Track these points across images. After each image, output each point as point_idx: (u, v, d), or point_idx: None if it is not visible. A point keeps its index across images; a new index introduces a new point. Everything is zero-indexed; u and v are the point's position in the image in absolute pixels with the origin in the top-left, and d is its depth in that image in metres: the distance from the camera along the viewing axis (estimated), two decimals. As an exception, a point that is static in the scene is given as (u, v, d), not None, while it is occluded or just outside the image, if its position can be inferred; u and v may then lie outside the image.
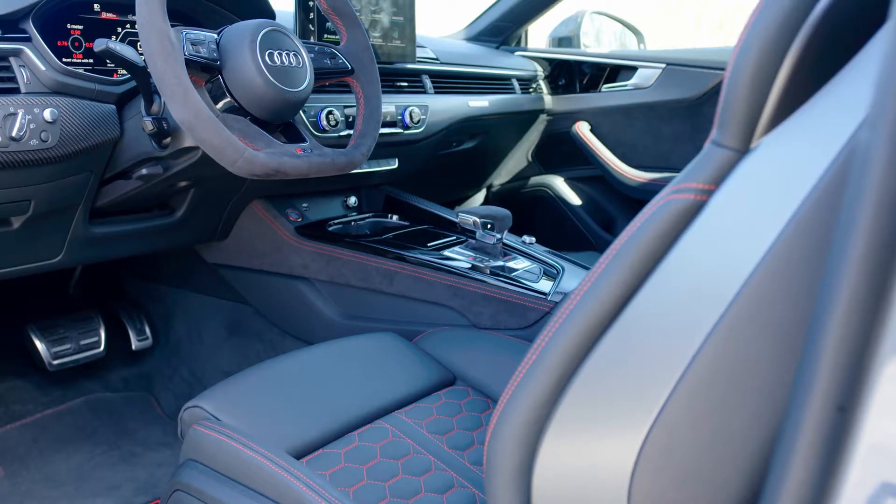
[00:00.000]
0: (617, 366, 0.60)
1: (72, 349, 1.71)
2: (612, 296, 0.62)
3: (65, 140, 1.17)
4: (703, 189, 0.59)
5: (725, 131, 0.60)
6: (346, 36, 1.36)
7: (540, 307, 1.40)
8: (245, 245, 1.69)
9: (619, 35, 2.66)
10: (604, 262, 0.65)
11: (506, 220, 1.52)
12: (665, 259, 0.60)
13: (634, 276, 0.61)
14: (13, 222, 1.24)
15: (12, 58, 1.15)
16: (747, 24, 0.59)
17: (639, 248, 0.61)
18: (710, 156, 0.61)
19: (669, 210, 0.61)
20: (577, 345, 0.63)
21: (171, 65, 1.03)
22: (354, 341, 1.31)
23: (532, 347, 0.69)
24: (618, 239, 0.65)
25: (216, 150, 1.07)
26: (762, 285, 0.52)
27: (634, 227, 0.63)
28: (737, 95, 0.58)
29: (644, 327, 0.60)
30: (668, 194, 0.62)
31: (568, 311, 0.66)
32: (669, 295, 0.59)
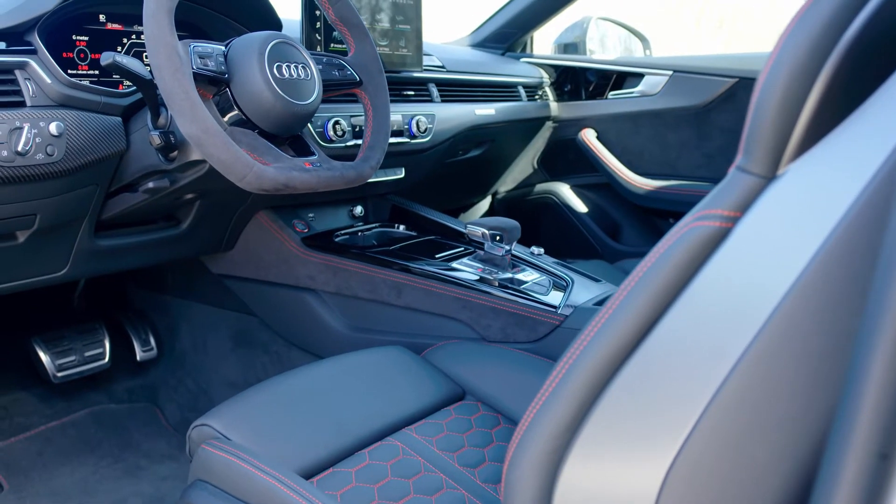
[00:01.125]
0: (641, 393, 0.59)
1: (76, 361, 1.70)
2: (635, 322, 0.61)
3: (71, 154, 1.15)
4: (729, 216, 0.58)
5: (751, 157, 0.59)
6: (354, 47, 1.34)
7: (550, 320, 1.39)
8: (251, 256, 1.67)
9: (624, 40, 2.65)
10: (626, 288, 0.64)
11: (514, 232, 1.51)
12: (689, 286, 0.59)
13: (658, 302, 0.60)
14: (18, 236, 1.23)
15: (18, 71, 1.13)
16: (776, 48, 0.58)
17: (662, 274, 0.60)
18: (736, 182, 0.60)
19: (694, 237, 0.59)
20: (599, 371, 0.62)
21: (178, 79, 1.02)
22: (363, 356, 1.29)
23: (553, 372, 0.68)
24: (640, 265, 0.63)
25: (224, 166, 1.05)
26: (791, 315, 0.51)
27: (657, 253, 0.62)
28: (764, 121, 0.57)
29: (668, 355, 0.58)
30: (691, 221, 0.61)
31: (590, 337, 0.65)
32: (694, 323, 0.58)
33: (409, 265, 1.53)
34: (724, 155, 2.22)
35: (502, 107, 2.11)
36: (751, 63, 2.13)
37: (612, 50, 2.58)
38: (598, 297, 1.44)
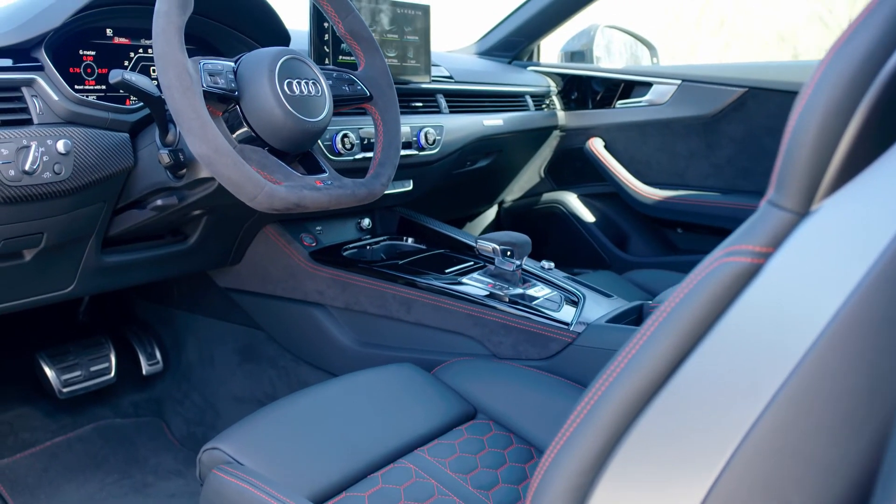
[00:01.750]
0: (670, 429, 0.58)
1: (82, 376, 1.68)
2: (664, 356, 0.60)
3: (78, 172, 1.14)
4: (760, 252, 0.57)
5: (784, 192, 0.57)
6: (364, 61, 1.33)
7: (562, 338, 1.37)
8: (258, 270, 1.66)
9: (630, 47, 2.63)
10: (654, 323, 0.63)
11: (525, 247, 1.50)
12: (720, 322, 0.57)
13: (688, 337, 0.59)
14: (25, 255, 1.22)
15: (25, 88, 1.12)
16: (812, 81, 0.56)
17: (692, 309, 0.59)
18: (767, 217, 0.58)
19: (724, 273, 0.58)
20: (629, 404, 0.61)
21: (189, 98, 1.01)
22: (373, 374, 1.28)
23: (581, 403, 0.67)
24: (668, 300, 0.62)
25: (235, 186, 1.04)
26: (828, 353, 0.49)
27: (686, 288, 0.61)
28: (799, 156, 0.56)
29: (699, 391, 0.57)
30: (721, 256, 0.60)
31: (620, 369, 0.64)
32: (726, 359, 0.56)
33: (419, 280, 1.51)
34: (733, 165, 2.20)
35: (510, 117, 2.09)
36: (761, 73, 2.11)
37: (618, 57, 2.56)
38: (610, 314, 1.42)
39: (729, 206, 2.18)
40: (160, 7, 1.02)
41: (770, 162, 2.12)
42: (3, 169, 1.05)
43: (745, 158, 2.18)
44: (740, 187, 2.21)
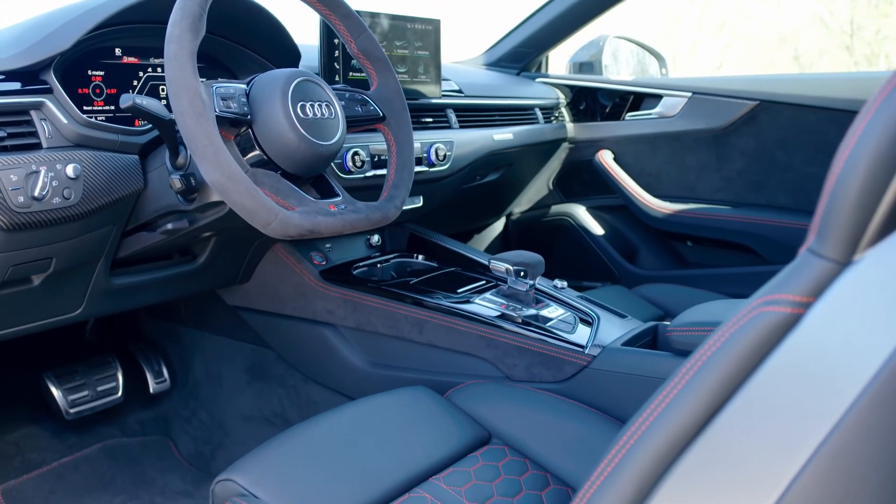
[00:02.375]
0: (703, 483, 0.57)
1: (89, 396, 1.66)
2: (698, 408, 0.59)
3: (88, 196, 1.12)
4: (800, 302, 0.55)
5: (825, 241, 0.56)
6: (376, 81, 1.31)
7: (577, 360, 1.36)
8: (267, 289, 1.64)
9: (637, 55, 2.61)
10: (689, 372, 0.61)
11: (538, 267, 1.48)
12: (757, 373, 0.56)
13: (723, 388, 0.58)
14: (34, 280, 1.20)
15: (33, 111, 1.10)
16: (859, 128, 0.55)
17: (728, 359, 0.58)
18: (807, 266, 0.56)
19: (762, 323, 0.56)
20: (661, 455, 0.60)
21: (202, 124, 0.99)
22: (387, 398, 1.26)
23: (614, 449, 0.66)
24: (703, 348, 0.61)
25: (249, 213, 1.02)
26: (871, 410, 0.48)
27: (723, 337, 0.59)
28: (842, 205, 0.54)
29: (734, 446, 0.56)
30: (759, 305, 0.58)
31: (652, 418, 0.63)
32: (763, 413, 0.55)
33: (431, 301, 1.49)
34: (744, 178, 2.19)
35: (520, 130, 2.08)
36: (772, 86, 2.10)
37: (624, 65, 2.54)
38: (625, 336, 1.40)
39: (740, 219, 2.16)
40: (172, 32, 1.01)
41: (781, 175, 2.10)
42: (11, 196, 1.03)
43: (756, 172, 2.16)
44: (751, 201, 2.19)
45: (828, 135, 2.04)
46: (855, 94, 1.99)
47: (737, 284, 2.15)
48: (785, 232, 2.10)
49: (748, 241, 2.17)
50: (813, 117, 2.04)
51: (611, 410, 1.31)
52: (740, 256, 2.22)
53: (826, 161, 2.05)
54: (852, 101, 1.99)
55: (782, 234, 2.10)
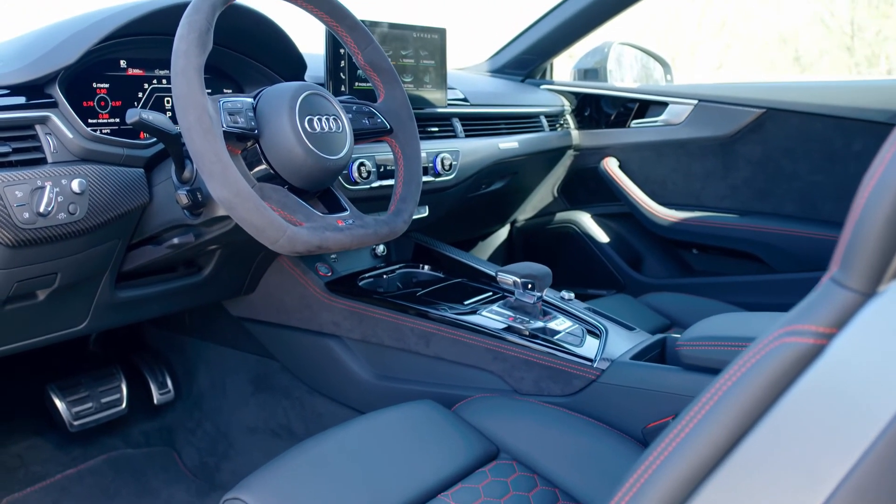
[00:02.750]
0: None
1: (93, 408, 1.65)
2: (719, 437, 0.58)
3: (93, 211, 1.11)
4: (823, 332, 0.54)
5: (850, 272, 0.55)
6: (383, 93, 1.30)
7: (586, 374, 1.34)
8: (273, 300, 1.63)
9: (642, 61, 2.60)
10: (711, 401, 0.60)
11: (546, 279, 1.47)
12: (778, 405, 0.55)
13: (743, 419, 0.56)
14: (39, 295, 1.19)
15: (38, 126, 1.09)
16: (885, 158, 0.54)
17: (750, 390, 0.57)
18: (830, 296, 0.55)
19: (784, 353, 0.55)
20: (680, 485, 0.59)
21: (209, 141, 0.98)
22: (394, 413, 1.25)
23: (631, 478, 0.65)
24: (724, 377, 0.60)
25: (257, 230, 1.01)
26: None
27: (742, 367, 0.58)
28: (868, 235, 0.53)
29: (754, 478, 0.55)
30: (781, 335, 0.57)
31: (672, 447, 0.62)
32: (784, 445, 0.54)
33: (438, 313, 1.48)
34: (750, 186, 2.18)
35: (525, 139, 2.07)
36: (779, 93, 2.08)
37: (628, 70, 2.53)
38: (634, 349, 1.39)
39: (746, 228, 2.15)
40: (179, 47, 1.00)
41: (788, 184, 2.09)
42: (17, 212, 1.02)
43: (763, 180, 2.15)
44: (757, 209, 2.18)
45: (835, 143, 2.03)
46: (862, 103, 1.98)
47: (743, 293, 2.14)
48: (791, 240, 2.09)
49: (754, 249, 2.16)
50: (820, 125, 2.04)
51: (620, 425, 1.30)
52: (746, 265, 2.21)
53: (833, 170, 2.04)
54: (860, 109, 1.98)
55: (788, 242, 2.09)
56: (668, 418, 1.25)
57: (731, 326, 1.30)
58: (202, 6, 1.02)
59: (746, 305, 1.99)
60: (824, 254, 2.04)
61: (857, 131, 2.00)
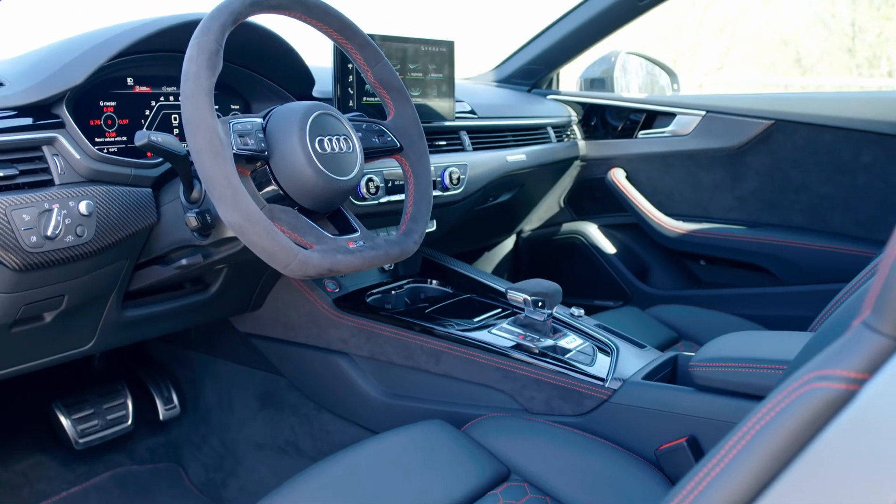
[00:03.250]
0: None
1: (99, 426, 1.64)
2: (745, 482, 0.57)
3: (101, 233, 1.10)
4: (855, 378, 0.53)
5: (883, 317, 0.53)
6: (393, 111, 1.28)
7: (597, 394, 1.33)
8: (280, 316, 1.61)
9: (647, 68, 2.59)
10: (737, 445, 0.59)
11: (556, 297, 1.45)
12: (807, 451, 0.53)
13: (772, 465, 0.55)
14: (45, 317, 1.17)
15: (45, 147, 1.08)
16: None
17: (778, 436, 0.55)
18: (862, 341, 0.54)
19: (814, 399, 0.54)
20: None
21: (220, 164, 0.96)
22: (404, 434, 1.24)
23: None
24: (750, 421, 0.58)
25: (268, 254, 1.00)
26: None
27: (770, 412, 0.57)
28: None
29: None
30: (811, 380, 0.56)
31: (697, 492, 0.60)
32: (814, 493, 0.52)
33: (448, 331, 1.47)
34: (759, 198, 2.16)
35: (532, 151, 2.05)
36: (788, 105, 2.07)
37: (633, 76, 2.51)
38: (646, 368, 1.38)
39: (754, 240, 2.14)
40: (189, 69, 0.98)
41: (796, 195, 2.08)
42: (24, 236, 1.01)
43: (771, 191, 2.14)
44: (766, 220, 2.17)
45: (844, 155, 2.02)
46: (872, 115, 1.97)
47: (751, 305, 2.13)
48: (800, 252, 2.08)
49: (762, 261, 2.14)
50: (829, 137, 2.02)
51: (632, 446, 1.29)
52: (754, 276, 2.19)
53: (841, 181, 2.03)
54: (869, 121, 1.97)
55: (797, 254, 2.08)
56: (681, 440, 1.24)
57: (744, 346, 1.28)
58: (212, 27, 1.01)
59: (754, 318, 1.98)
60: (833, 266, 2.03)
61: (867, 143, 1.99)
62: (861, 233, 2.05)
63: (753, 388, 1.20)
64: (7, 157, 1.03)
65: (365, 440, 1.21)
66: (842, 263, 2.01)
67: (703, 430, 1.24)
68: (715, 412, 1.23)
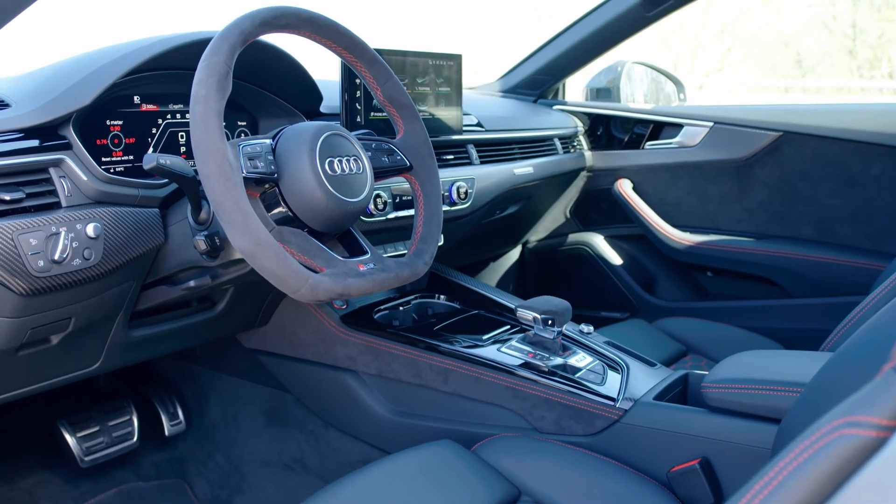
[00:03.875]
0: None
1: (104, 443, 1.62)
2: None
3: (108, 255, 1.09)
4: (885, 425, 0.52)
5: None
6: (403, 129, 1.27)
7: (608, 414, 1.32)
8: (286, 333, 1.60)
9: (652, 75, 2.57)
10: (763, 491, 0.58)
11: (566, 315, 1.44)
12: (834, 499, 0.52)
13: None
14: (52, 339, 1.16)
15: (52, 168, 1.06)
16: None
17: (805, 483, 0.54)
18: (893, 388, 0.53)
19: (843, 447, 0.53)
20: None
21: (230, 189, 0.95)
22: (413, 456, 1.22)
23: None
24: (776, 467, 0.57)
25: (278, 280, 0.98)
26: None
27: (800, 458, 0.56)
28: None
29: None
30: (840, 427, 0.55)
31: None
32: None
33: (456, 349, 1.46)
34: (767, 210, 2.15)
35: (540, 163, 2.04)
36: (796, 116, 2.06)
37: (639, 84, 2.50)
38: (657, 388, 1.37)
39: (762, 252, 2.12)
40: (198, 92, 0.97)
41: (804, 207, 2.07)
42: (31, 260, 0.99)
43: (780, 203, 2.12)
44: (774, 233, 2.15)
45: (853, 167, 2.01)
46: (881, 127, 1.95)
47: (759, 317, 2.11)
48: (808, 265, 2.06)
49: (770, 273, 2.13)
50: (838, 149, 2.01)
51: (644, 468, 1.27)
52: (762, 288, 2.18)
53: (850, 193, 2.02)
54: (878, 133, 1.95)
55: (805, 267, 2.07)
56: (693, 462, 1.23)
57: (757, 367, 1.27)
58: (221, 47, 1.00)
59: (762, 330, 1.97)
60: (842, 279, 2.02)
61: (876, 155, 1.98)
62: (870, 245, 2.03)
63: (767, 411, 1.18)
64: (14, 181, 1.02)
65: (375, 462, 1.20)
66: (851, 276, 1.99)
67: (716, 452, 1.22)
68: (728, 434, 1.22)
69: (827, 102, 6.46)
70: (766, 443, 1.16)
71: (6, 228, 0.97)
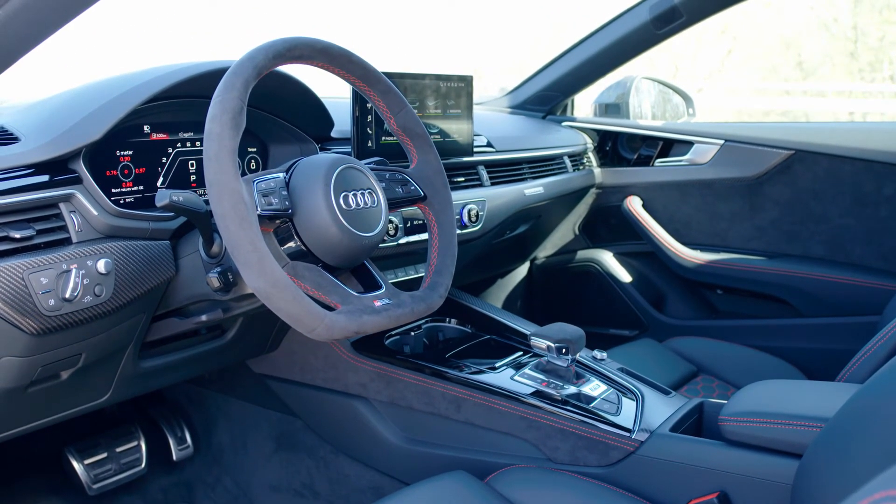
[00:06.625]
0: None
1: (112, 470, 1.60)
2: None
3: (119, 290, 1.07)
4: None
5: None
6: (416, 158, 1.25)
7: (623, 446, 1.30)
8: (297, 358, 1.58)
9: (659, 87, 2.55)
10: None
11: (580, 342, 1.42)
12: None
13: None
14: (62, 375, 1.14)
15: (62, 203, 1.05)
16: None
17: None
18: None
19: None
20: None
21: (245, 229, 0.93)
22: (427, 489, 1.21)
23: None
24: None
25: (294, 320, 0.97)
26: None
27: None
28: None
29: None
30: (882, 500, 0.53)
31: None
32: None
33: (469, 378, 1.44)
34: (778, 228, 2.13)
35: (550, 182, 2.02)
36: (808, 135, 2.04)
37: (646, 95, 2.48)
38: (673, 418, 1.35)
39: (773, 271, 2.10)
40: (212, 129, 0.95)
41: (816, 226, 2.05)
42: (42, 299, 0.98)
43: (791, 222, 2.11)
44: (785, 251, 2.14)
45: (865, 187, 1.99)
46: (894, 147, 1.94)
47: (770, 337, 2.10)
48: (820, 285, 2.04)
49: (781, 292, 2.11)
50: (850, 168, 1.99)
51: (661, 501, 1.26)
52: (773, 307, 2.16)
53: (863, 213, 2.00)
54: (891, 153, 1.94)
55: (817, 286, 2.05)
56: (711, 496, 1.21)
57: (776, 399, 1.25)
58: (235, 83, 0.98)
59: (772, 350, 1.95)
60: (854, 298, 2.00)
61: (889, 175, 1.96)
62: (883, 265, 2.02)
63: (788, 446, 1.17)
64: (24, 217, 1.00)
65: (389, 496, 1.18)
66: (863, 296, 1.97)
67: (734, 486, 1.21)
68: (747, 468, 1.20)
69: (839, 121, 6.45)
70: (787, 477, 1.14)
71: (17, 268, 0.96)
